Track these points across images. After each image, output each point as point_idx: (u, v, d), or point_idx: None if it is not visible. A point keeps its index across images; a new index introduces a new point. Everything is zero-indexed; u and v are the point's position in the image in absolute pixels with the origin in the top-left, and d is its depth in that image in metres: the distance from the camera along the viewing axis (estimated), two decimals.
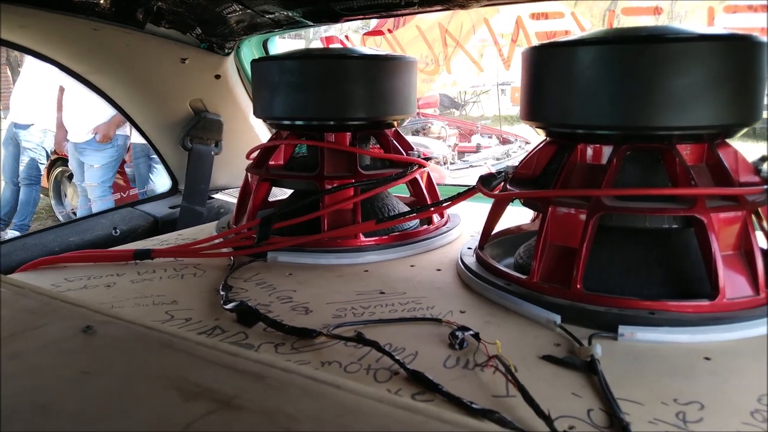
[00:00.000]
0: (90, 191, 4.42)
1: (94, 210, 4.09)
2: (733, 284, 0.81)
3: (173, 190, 1.98)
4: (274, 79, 1.21)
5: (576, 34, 1.08)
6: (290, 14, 1.46)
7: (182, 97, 1.78)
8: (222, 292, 0.94)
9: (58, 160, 5.35)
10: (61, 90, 4.33)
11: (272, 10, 1.45)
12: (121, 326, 0.53)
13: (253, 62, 1.29)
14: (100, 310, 0.56)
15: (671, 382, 0.67)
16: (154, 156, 4.18)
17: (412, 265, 1.11)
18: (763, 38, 0.84)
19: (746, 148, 0.97)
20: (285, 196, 1.56)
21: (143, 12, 1.47)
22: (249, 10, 1.46)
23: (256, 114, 1.33)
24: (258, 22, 1.53)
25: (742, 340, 0.76)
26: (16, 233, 4.64)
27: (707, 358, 0.72)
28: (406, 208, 1.27)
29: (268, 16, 1.49)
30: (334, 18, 1.45)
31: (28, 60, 4.85)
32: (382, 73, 1.21)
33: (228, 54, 1.72)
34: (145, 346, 0.50)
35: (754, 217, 0.88)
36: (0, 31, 1.39)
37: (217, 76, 1.75)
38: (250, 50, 1.80)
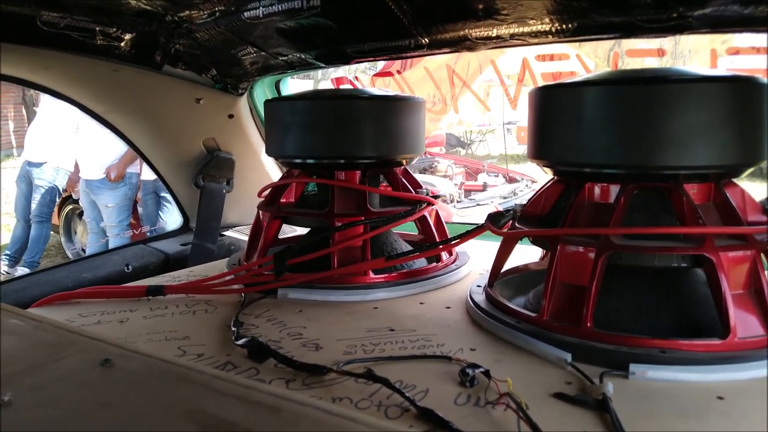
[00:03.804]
0: (108, 230, 4.46)
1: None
2: (744, 323, 0.80)
3: (184, 228, 2.00)
4: (287, 118, 1.24)
5: (581, 74, 1.10)
6: (303, 56, 1.51)
7: (196, 135, 1.81)
8: (233, 328, 0.95)
9: (69, 197, 5.41)
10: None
11: (285, 52, 1.50)
12: (138, 359, 0.54)
13: (266, 102, 1.32)
14: (117, 343, 0.57)
15: (683, 422, 0.66)
16: (164, 194, 4.25)
17: (421, 303, 1.11)
18: (766, 79, 0.86)
19: (755, 189, 0.98)
20: (294, 234, 1.57)
21: (161, 54, 1.51)
22: (263, 53, 1.51)
23: (269, 152, 1.36)
24: (271, 63, 1.57)
25: (754, 380, 0.75)
26: (26, 270, 4.67)
27: (720, 398, 0.71)
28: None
29: (281, 58, 1.53)
30: (345, 60, 1.49)
31: (44, 99, 4.96)
32: (391, 113, 1.23)
33: (241, 94, 1.76)
34: (162, 378, 0.51)
35: (763, 257, 0.88)
36: (15, 70, 1.44)
37: (231, 116, 1.78)
38: (262, 90, 1.84)
